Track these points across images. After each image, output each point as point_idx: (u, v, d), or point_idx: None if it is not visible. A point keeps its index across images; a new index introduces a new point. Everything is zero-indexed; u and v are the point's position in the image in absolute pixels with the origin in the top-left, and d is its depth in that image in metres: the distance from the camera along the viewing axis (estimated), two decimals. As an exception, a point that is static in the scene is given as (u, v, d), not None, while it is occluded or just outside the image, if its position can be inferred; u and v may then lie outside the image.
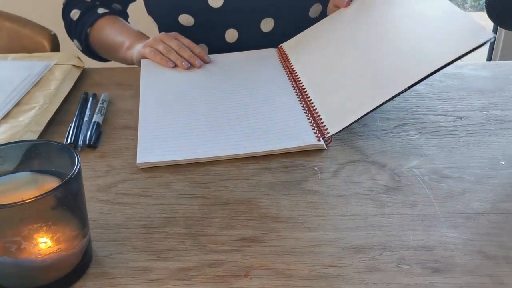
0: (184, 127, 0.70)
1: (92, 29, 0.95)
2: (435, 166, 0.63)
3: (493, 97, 0.77)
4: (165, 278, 0.48)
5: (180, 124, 0.70)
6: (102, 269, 0.50)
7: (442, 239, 0.52)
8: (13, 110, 0.74)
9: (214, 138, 0.67)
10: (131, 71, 0.89)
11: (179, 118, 0.71)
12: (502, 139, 0.67)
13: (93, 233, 0.53)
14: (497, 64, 0.88)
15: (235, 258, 0.50)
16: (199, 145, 0.66)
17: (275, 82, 0.79)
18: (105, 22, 0.95)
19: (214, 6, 0.89)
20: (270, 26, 0.92)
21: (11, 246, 0.43)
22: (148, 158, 0.64)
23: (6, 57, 0.92)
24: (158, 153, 0.65)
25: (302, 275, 0.48)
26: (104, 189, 0.61)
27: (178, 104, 0.75)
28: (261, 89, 0.77)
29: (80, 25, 0.96)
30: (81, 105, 0.77)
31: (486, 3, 0.62)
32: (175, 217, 0.56)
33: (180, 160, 0.64)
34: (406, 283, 0.47)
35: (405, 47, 0.69)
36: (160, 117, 0.72)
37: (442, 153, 0.65)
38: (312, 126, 0.68)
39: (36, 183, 0.48)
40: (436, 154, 0.65)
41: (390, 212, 0.56)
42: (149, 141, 0.67)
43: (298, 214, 0.56)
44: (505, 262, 0.49)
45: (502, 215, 0.55)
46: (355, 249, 0.51)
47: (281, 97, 0.75)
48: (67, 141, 0.69)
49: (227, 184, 0.61)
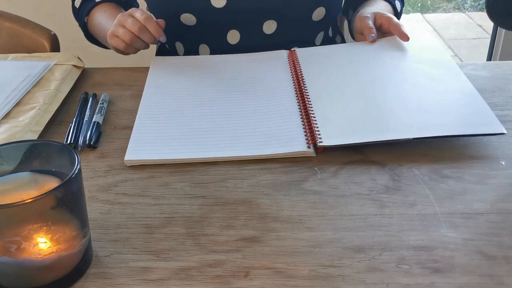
0: (176, 128, 0.70)
1: (89, 17, 0.96)
2: (435, 166, 0.63)
3: (493, 97, 0.77)
4: (165, 278, 0.48)
5: (174, 124, 0.71)
6: (102, 269, 0.50)
7: (442, 239, 0.52)
8: (13, 110, 0.74)
9: (202, 140, 0.67)
10: (131, 71, 0.89)
11: (175, 119, 0.72)
12: (502, 139, 0.67)
13: (93, 233, 0.53)
14: (497, 64, 0.88)
15: (235, 258, 0.50)
16: (186, 146, 0.66)
17: (279, 85, 0.78)
18: (98, 9, 0.95)
19: (217, 6, 0.89)
20: (272, 29, 0.92)
21: (11, 246, 0.43)
22: (136, 156, 0.65)
23: (6, 57, 0.92)
24: (146, 151, 0.66)
25: (302, 275, 0.48)
26: (104, 189, 0.61)
27: (178, 105, 0.75)
28: (263, 92, 0.77)
29: (80, 13, 0.97)
30: (81, 105, 0.77)
31: (486, 3, 0.62)
32: (175, 217, 0.56)
33: (165, 160, 0.64)
34: (406, 283, 0.47)
35: (417, 104, 0.71)
36: (157, 116, 0.73)
37: (442, 153, 0.65)
38: (305, 132, 0.67)
39: (36, 183, 0.48)
40: (436, 154, 0.65)
41: (390, 212, 0.56)
42: (140, 140, 0.68)
43: (298, 214, 0.56)
44: (505, 262, 0.49)
45: (502, 215, 0.55)
46: (355, 249, 0.51)
47: (281, 101, 0.74)
48: (67, 141, 0.69)
49: (227, 184, 0.61)
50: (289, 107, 0.73)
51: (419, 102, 0.71)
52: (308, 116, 0.70)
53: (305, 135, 0.67)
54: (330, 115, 0.70)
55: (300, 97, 0.75)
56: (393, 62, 0.81)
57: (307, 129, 0.68)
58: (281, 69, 0.83)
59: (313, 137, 0.66)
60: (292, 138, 0.66)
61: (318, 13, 0.93)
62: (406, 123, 0.67)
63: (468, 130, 0.65)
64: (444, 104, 0.70)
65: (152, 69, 0.86)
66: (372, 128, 0.67)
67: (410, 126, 0.66)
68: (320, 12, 0.93)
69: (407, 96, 0.73)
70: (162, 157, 0.65)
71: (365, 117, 0.69)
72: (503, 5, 0.60)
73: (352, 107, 0.71)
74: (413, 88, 0.74)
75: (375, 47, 0.86)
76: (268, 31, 0.92)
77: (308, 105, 0.72)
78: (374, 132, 0.66)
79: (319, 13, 0.93)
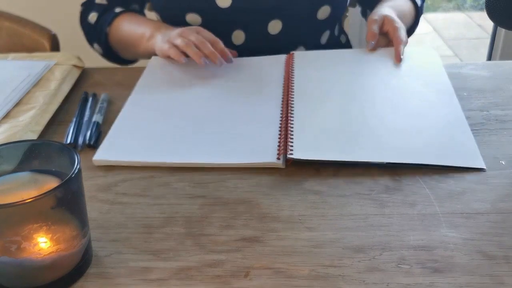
0: (154, 130, 0.69)
1: (111, 27, 0.93)
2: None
3: (493, 97, 0.77)
4: (165, 278, 0.48)
5: (153, 127, 0.70)
6: (102, 269, 0.50)
7: (442, 239, 0.52)
8: (13, 110, 0.74)
9: (176, 145, 0.66)
10: (131, 71, 0.89)
11: (156, 122, 0.71)
12: (502, 139, 0.67)
13: (93, 233, 0.53)
14: (497, 64, 0.88)
15: (235, 258, 0.50)
16: (159, 151, 0.65)
17: (269, 92, 0.77)
18: (123, 18, 0.93)
19: (222, 6, 0.88)
20: (277, 29, 0.92)
21: (11, 246, 0.43)
22: (106, 156, 0.65)
23: (6, 57, 0.92)
24: (117, 153, 0.65)
25: (302, 275, 0.48)
26: (104, 189, 0.61)
27: (162, 108, 0.74)
28: (250, 98, 0.76)
29: (99, 26, 0.95)
30: (81, 105, 0.77)
31: (486, 3, 0.62)
32: (175, 217, 0.56)
33: (135, 162, 0.64)
34: (406, 283, 0.47)
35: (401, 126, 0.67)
36: (139, 118, 0.72)
37: (442, 153, 0.65)
38: (278, 144, 0.65)
39: (36, 183, 0.48)
40: (436, 154, 0.65)
41: (390, 212, 0.56)
42: (115, 140, 0.68)
43: (298, 214, 0.56)
44: (505, 262, 0.49)
45: (502, 215, 0.55)
46: (355, 249, 0.51)
47: (265, 108, 0.73)
48: (67, 141, 0.69)
49: (227, 184, 0.61)
50: (272, 115, 0.71)
51: (403, 125, 0.68)
52: (286, 126, 0.68)
53: (278, 145, 0.65)
54: (308, 127, 0.68)
55: (286, 105, 0.73)
56: (386, 78, 0.79)
57: (282, 139, 0.65)
58: (275, 75, 0.82)
59: (285, 148, 0.63)
60: (264, 147, 0.65)
61: (323, 11, 0.93)
62: (383, 146, 0.64)
63: (445, 161, 0.62)
64: (429, 130, 0.67)
65: (147, 69, 0.85)
66: (346, 146, 0.64)
67: (387, 150, 0.63)
68: (325, 10, 0.93)
69: (392, 116, 0.70)
70: (134, 159, 0.64)
71: (342, 134, 0.66)
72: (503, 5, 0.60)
73: (332, 121, 0.69)
74: (400, 108, 0.71)
75: (373, 58, 0.84)
76: (273, 31, 0.92)
77: (290, 115, 0.70)
78: (348, 151, 0.63)
79: (324, 11, 0.93)
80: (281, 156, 0.63)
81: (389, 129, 0.67)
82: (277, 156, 0.63)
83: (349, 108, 0.72)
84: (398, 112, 0.71)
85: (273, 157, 0.63)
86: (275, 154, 0.63)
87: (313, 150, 0.63)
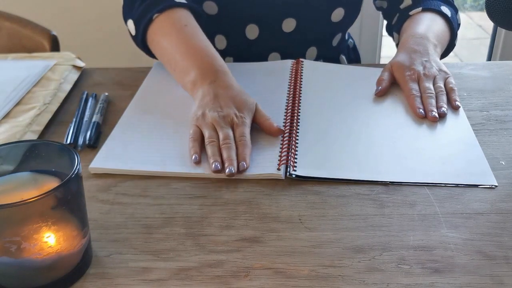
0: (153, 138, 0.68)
1: (159, 18, 0.79)
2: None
3: (493, 97, 0.77)
4: (165, 278, 0.48)
5: (153, 135, 0.69)
6: (102, 269, 0.50)
7: (442, 239, 0.52)
8: (13, 110, 0.74)
9: (176, 154, 0.65)
10: (131, 71, 0.89)
11: (156, 129, 0.70)
12: (502, 139, 0.67)
13: (93, 233, 0.53)
14: (497, 64, 0.88)
15: (235, 258, 0.50)
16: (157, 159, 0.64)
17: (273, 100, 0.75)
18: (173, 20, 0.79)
19: None
20: (291, 27, 0.92)
21: (11, 246, 0.43)
22: (102, 164, 0.63)
23: (6, 57, 0.92)
24: (114, 161, 0.64)
25: (302, 275, 0.48)
26: (104, 189, 0.61)
27: (163, 115, 0.73)
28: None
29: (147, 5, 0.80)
30: (81, 105, 0.77)
31: (486, 3, 0.62)
32: (175, 217, 0.56)
33: (129, 171, 0.63)
34: (406, 283, 0.47)
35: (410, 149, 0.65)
36: (138, 125, 0.71)
37: (442, 153, 0.65)
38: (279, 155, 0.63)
39: (36, 183, 0.48)
40: (436, 154, 0.65)
41: (390, 212, 0.56)
42: (112, 148, 0.66)
43: (298, 214, 0.56)
44: (505, 262, 0.49)
45: (502, 215, 0.55)
46: (355, 249, 0.51)
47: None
48: (67, 141, 0.69)
49: (227, 184, 0.61)
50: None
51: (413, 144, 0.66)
52: (289, 139, 0.66)
53: (279, 157, 0.63)
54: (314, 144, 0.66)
55: (290, 116, 0.71)
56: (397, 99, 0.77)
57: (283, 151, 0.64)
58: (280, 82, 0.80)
59: (287, 160, 0.62)
60: (263, 157, 0.63)
61: (337, 14, 0.92)
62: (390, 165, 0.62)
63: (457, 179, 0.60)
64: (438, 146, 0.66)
65: (151, 72, 0.85)
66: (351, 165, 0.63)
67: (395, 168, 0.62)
68: (339, 13, 0.92)
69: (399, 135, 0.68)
70: (129, 167, 0.63)
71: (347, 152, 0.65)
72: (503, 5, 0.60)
73: (337, 138, 0.67)
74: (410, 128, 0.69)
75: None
76: (287, 30, 0.92)
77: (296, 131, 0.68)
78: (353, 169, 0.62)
79: (338, 14, 0.93)
80: (281, 167, 0.61)
81: (396, 148, 0.65)
82: (277, 167, 0.61)
83: (355, 127, 0.70)
84: (407, 131, 0.69)
85: (274, 168, 0.61)
86: (275, 165, 0.62)
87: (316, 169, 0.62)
